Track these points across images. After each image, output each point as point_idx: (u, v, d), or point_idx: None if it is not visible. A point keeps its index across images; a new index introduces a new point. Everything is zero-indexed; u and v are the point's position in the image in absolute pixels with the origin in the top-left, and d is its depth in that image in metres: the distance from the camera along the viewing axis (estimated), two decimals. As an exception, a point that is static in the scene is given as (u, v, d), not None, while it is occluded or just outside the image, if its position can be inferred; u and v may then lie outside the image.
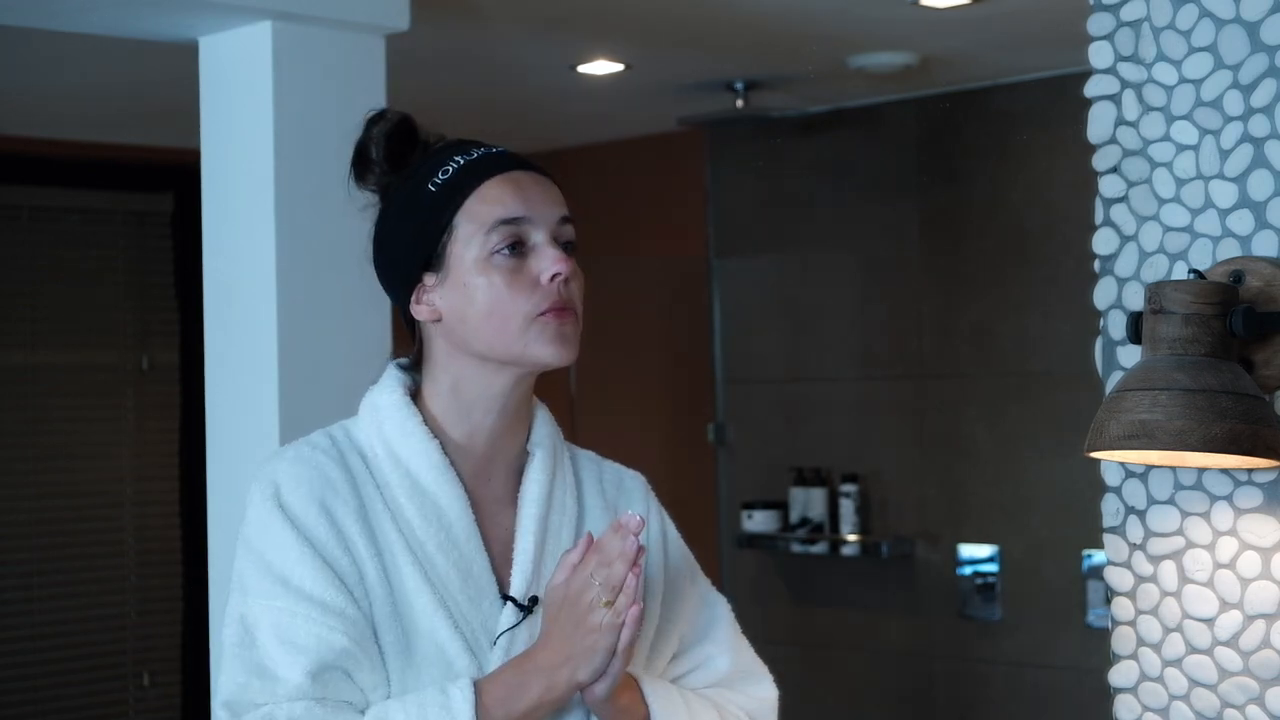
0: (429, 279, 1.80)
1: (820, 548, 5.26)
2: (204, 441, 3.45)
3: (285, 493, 1.75)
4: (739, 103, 4.94)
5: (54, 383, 5.77)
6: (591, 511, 1.90)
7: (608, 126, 5.60)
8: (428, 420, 1.82)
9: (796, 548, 5.26)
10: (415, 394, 1.84)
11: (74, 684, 5.79)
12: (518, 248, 1.77)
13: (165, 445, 5.98)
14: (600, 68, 4.61)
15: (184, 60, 3.48)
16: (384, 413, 1.81)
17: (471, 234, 1.77)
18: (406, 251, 1.81)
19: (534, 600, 1.79)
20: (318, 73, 3.32)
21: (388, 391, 1.83)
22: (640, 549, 1.70)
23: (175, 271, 5.99)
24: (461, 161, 1.79)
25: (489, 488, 1.84)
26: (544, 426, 1.89)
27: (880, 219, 5.19)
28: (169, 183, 5.90)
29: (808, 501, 5.26)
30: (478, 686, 1.71)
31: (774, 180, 5.44)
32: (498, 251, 1.76)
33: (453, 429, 1.82)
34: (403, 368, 1.87)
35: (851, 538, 5.17)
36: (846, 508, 5.16)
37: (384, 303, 3.47)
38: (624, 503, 1.93)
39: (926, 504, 5.07)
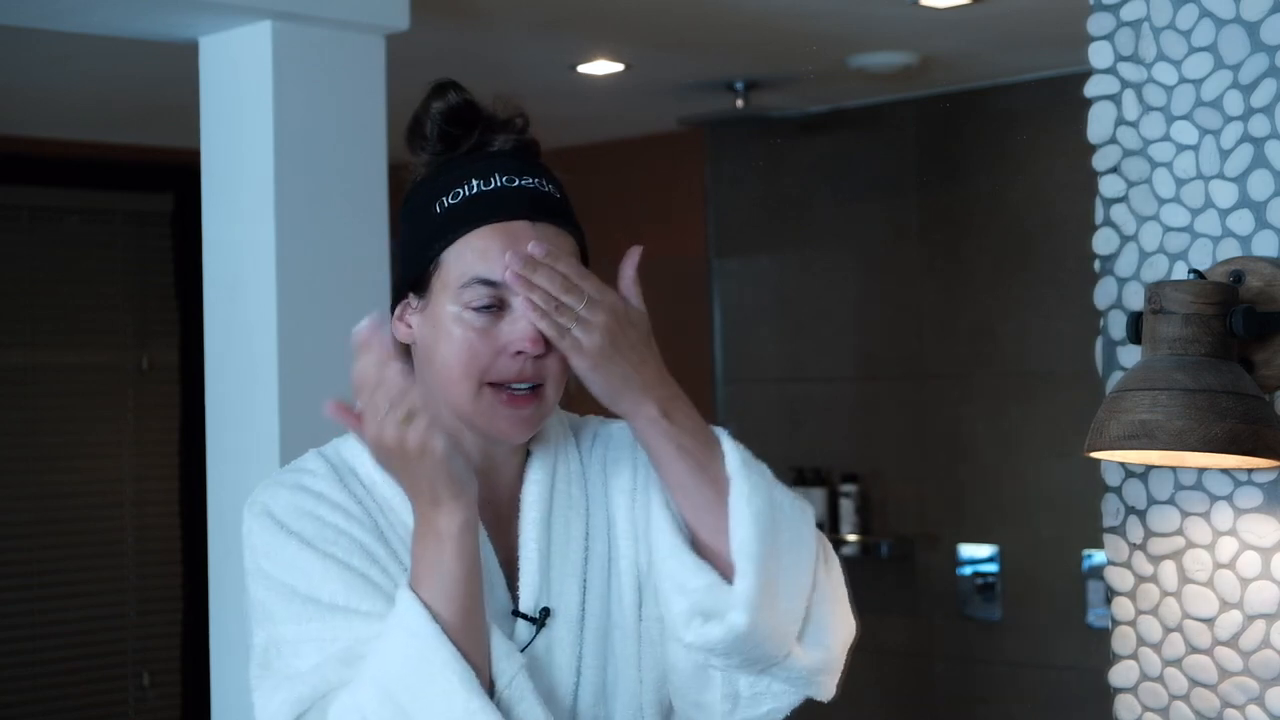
0: (413, 300, 1.68)
1: (820, 548, 5.25)
2: (204, 441, 3.44)
3: (285, 517, 1.63)
4: (739, 103, 4.94)
5: (54, 383, 5.77)
6: (595, 497, 1.75)
7: (608, 126, 5.60)
8: None
9: (796, 548, 5.25)
10: None
11: (74, 684, 5.78)
12: (493, 308, 1.62)
13: (165, 445, 5.98)
14: (600, 68, 4.61)
15: (184, 60, 3.48)
16: None
17: (450, 281, 1.63)
18: (400, 262, 1.70)
19: (545, 612, 1.67)
20: (318, 73, 3.32)
21: None
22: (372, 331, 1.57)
23: (175, 271, 5.99)
24: (473, 190, 1.64)
25: (495, 496, 1.70)
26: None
27: (880, 219, 5.18)
28: (169, 183, 5.90)
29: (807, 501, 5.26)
30: (411, 588, 1.58)
31: (774, 180, 5.44)
32: (470, 308, 1.62)
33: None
34: None
35: (851, 538, 5.17)
36: (846, 508, 5.16)
37: (384, 302, 3.48)
38: (612, 457, 1.77)
39: (926, 504, 5.06)
